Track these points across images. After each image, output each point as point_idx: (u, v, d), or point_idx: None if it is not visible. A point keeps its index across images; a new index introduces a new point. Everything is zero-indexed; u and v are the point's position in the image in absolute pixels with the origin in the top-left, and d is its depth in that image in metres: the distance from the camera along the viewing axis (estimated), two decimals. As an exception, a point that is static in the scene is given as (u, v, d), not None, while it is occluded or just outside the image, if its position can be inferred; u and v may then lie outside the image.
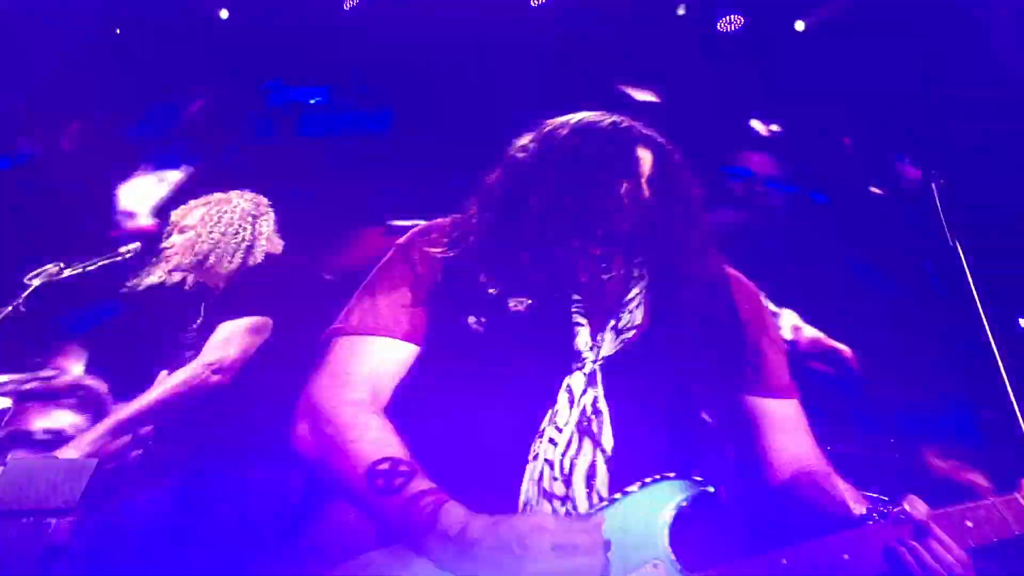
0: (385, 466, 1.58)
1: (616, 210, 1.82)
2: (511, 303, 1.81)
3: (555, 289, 1.84)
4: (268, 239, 3.54)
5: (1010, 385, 1.92)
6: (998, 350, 1.98)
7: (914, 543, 1.56)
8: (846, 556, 1.56)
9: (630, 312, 1.85)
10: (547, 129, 2.00)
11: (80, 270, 3.30)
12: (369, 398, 1.76)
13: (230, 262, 3.37)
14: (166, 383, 2.91)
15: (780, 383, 1.97)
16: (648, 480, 1.64)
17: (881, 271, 5.42)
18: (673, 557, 1.53)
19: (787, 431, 1.92)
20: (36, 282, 3.19)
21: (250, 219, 3.51)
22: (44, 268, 3.24)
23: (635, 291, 1.89)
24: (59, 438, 2.94)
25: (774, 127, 6.20)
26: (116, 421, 2.82)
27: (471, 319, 1.80)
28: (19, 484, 2.37)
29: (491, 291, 1.82)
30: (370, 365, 1.80)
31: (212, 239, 3.38)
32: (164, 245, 3.47)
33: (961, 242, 2.09)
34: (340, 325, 1.87)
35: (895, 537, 1.58)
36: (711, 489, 1.63)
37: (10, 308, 3.16)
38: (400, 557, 1.53)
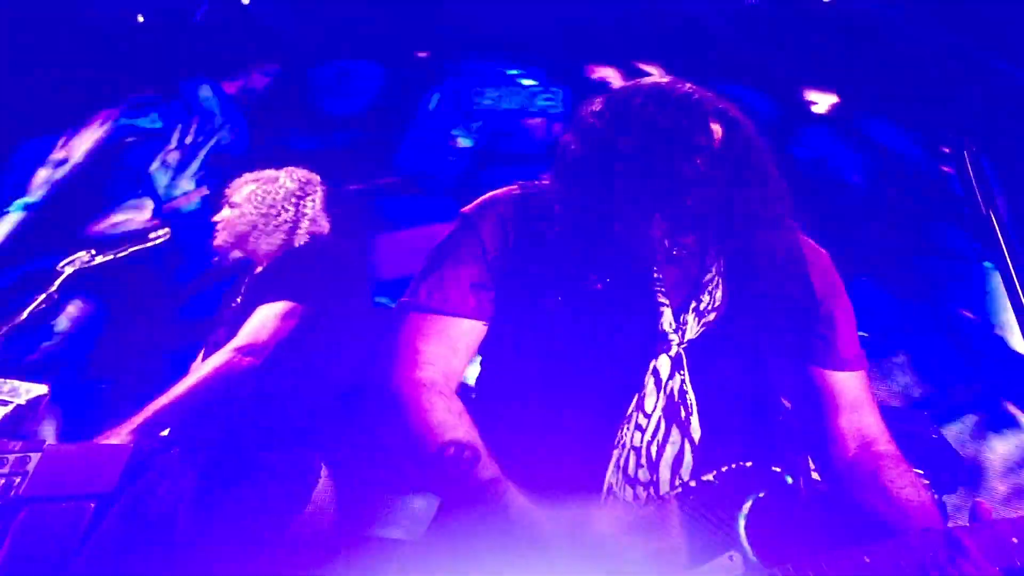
0: (450, 451, 1.54)
1: (692, 184, 1.74)
2: (592, 280, 1.74)
3: (635, 266, 1.77)
4: (313, 220, 3.52)
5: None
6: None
7: (943, 560, 1.48)
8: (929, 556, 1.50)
9: (710, 293, 1.79)
10: (621, 95, 1.90)
11: (111, 257, 3.32)
12: (441, 378, 1.71)
13: (269, 243, 3.39)
14: (199, 371, 2.93)
15: (849, 354, 1.92)
16: (724, 469, 1.60)
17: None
18: (750, 549, 1.49)
19: (853, 405, 1.87)
20: (69, 269, 3.22)
21: (294, 199, 3.50)
22: (76, 255, 3.27)
23: (713, 269, 1.83)
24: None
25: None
26: (153, 410, 2.84)
27: (548, 296, 1.74)
28: (57, 469, 2.40)
29: (569, 267, 1.75)
30: (440, 343, 1.75)
31: (251, 219, 3.40)
32: (215, 219, 3.50)
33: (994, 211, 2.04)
34: (409, 299, 1.81)
35: (928, 552, 1.50)
36: (789, 480, 1.59)
37: (44, 296, 3.20)
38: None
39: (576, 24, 6.00)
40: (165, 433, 3.01)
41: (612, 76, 6.16)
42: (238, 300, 3.34)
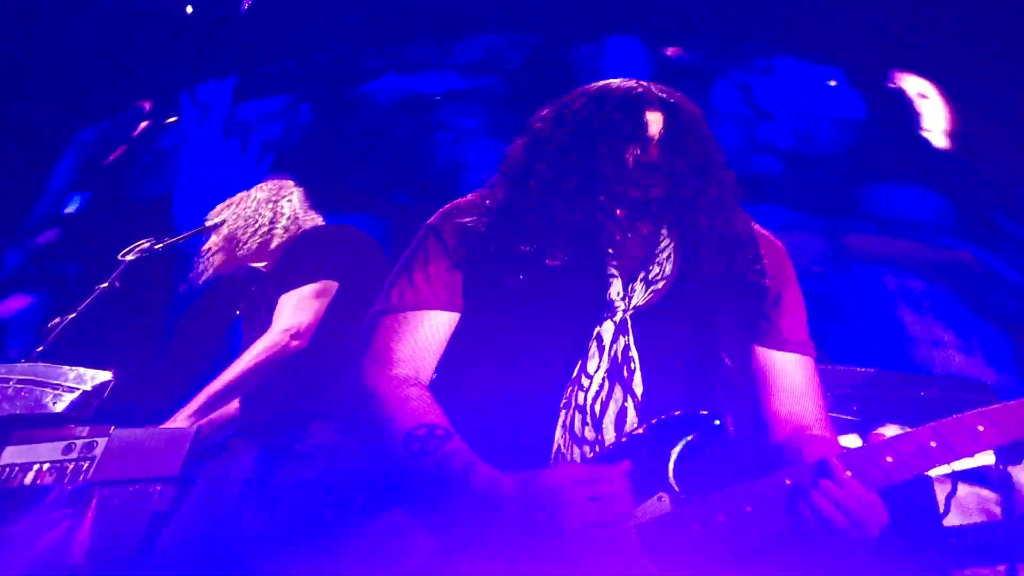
0: (421, 431, 1.64)
1: (628, 175, 1.85)
2: (547, 259, 1.84)
3: (588, 245, 1.87)
4: (293, 217, 3.56)
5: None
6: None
7: (809, 487, 1.53)
8: (748, 508, 1.56)
9: (659, 264, 1.88)
10: (565, 98, 2.04)
11: (170, 242, 3.39)
12: (413, 374, 1.82)
13: (259, 248, 3.45)
14: (248, 354, 2.97)
15: (795, 337, 1.95)
16: (654, 420, 1.67)
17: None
18: (677, 487, 1.58)
19: (792, 389, 1.90)
20: (130, 257, 3.30)
21: (269, 204, 3.56)
22: (136, 244, 3.34)
23: (664, 244, 1.91)
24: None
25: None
26: (210, 393, 2.90)
27: (507, 276, 1.84)
28: (123, 454, 2.47)
29: (525, 249, 1.85)
30: (412, 341, 1.86)
31: (233, 233, 3.48)
32: (204, 248, 3.58)
33: None
34: (380, 306, 1.93)
35: (795, 482, 1.56)
36: (717, 422, 1.65)
37: (106, 284, 3.29)
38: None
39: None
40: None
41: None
42: (255, 303, 3.39)
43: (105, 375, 2.82)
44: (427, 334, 1.88)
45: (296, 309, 3.01)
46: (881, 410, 2.93)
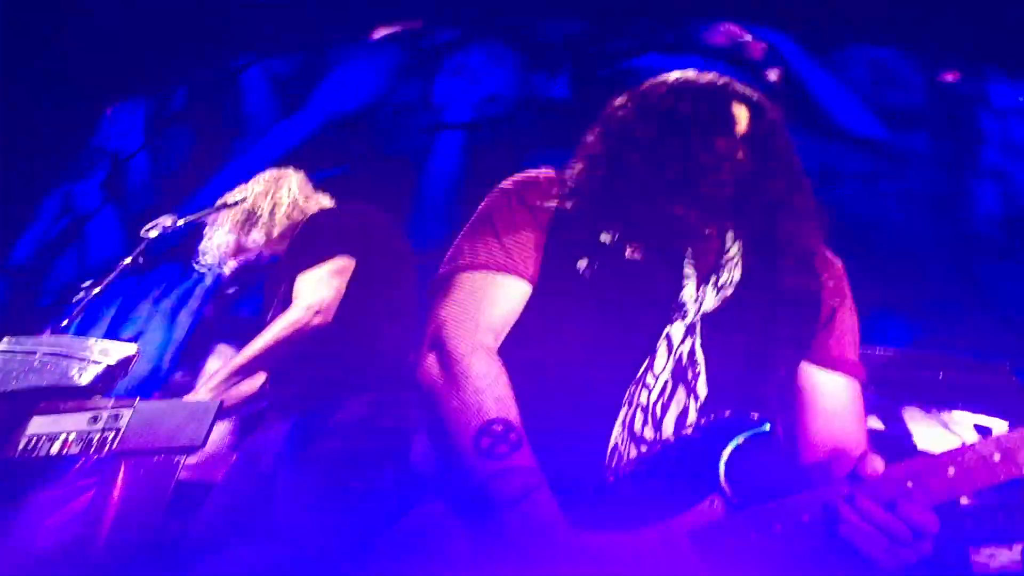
0: (499, 428, 1.57)
1: (713, 168, 1.80)
2: (627, 250, 1.80)
3: (668, 243, 1.83)
4: (293, 203, 3.59)
5: None
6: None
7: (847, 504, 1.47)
8: (806, 519, 1.51)
9: (730, 270, 1.84)
10: (644, 87, 1.99)
11: (191, 219, 3.42)
12: (494, 343, 1.76)
13: (265, 238, 3.51)
14: (269, 330, 2.99)
15: (842, 356, 1.91)
16: (703, 421, 1.67)
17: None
18: (729, 492, 1.55)
19: (833, 412, 1.86)
20: (153, 233, 3.32)
21: (267, 197, 3.59)
22: (159, 220, 3.37)
23: (734, 250, 1.87)
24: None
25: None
26: (234, 366, 2.94)
27: (583, 263, 1.79)
28: (148, 425, 2.50)
29: (606, 238, 1.81)
30: (500, 306, 1.79)
31: (239, 222, 3.53)
32: (202, 248, 3.64)
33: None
34: (466, 260, 1.85)
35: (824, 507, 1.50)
36: (767, 427, 1.63)
37: (129, 260, 3.32)
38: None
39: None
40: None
41: None
42: (270, 287, 3.46)
43: (130, 348, 2.85)
44: (511, 301, 1.82)
45: (316, 286, 3.02)
46: (900, 391, 2.95)
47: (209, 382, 2.91)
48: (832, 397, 1.87)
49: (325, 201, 3.69)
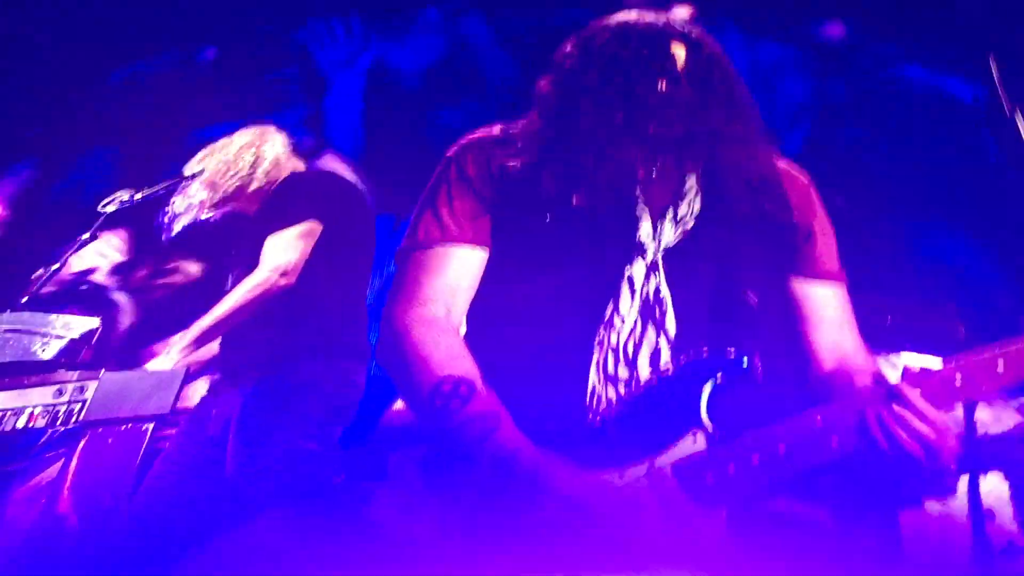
0: (447, 386, 1.62)
1: (656, 108, 1.82)
2: (574, 198, 1.82)
3: (617, 184, 1.85)
4: (276, 161, 3.55)
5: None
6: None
7: (882, 410, 1.53)
8: (782, 448, 1.57)
9: (688, 202, 1.87)
10: (587, 33, 2.00)
11: (149, 193, 3.40)
12: (443, 312, 1.79)
13: (241, 191, 3.44)
14: (236, 291, 3.00)
15: (827, 267, 1.95)
16: (683, 359, 1.70)
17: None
18: (710, 427, 1.61)
19: (831, 320, 1.91)
20: (109, 208, 3.30)
21: (251, 150, 3.54)
22: (115, 195, 3.34)
23: (691, 181, 1.90)
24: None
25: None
26: (197, 331, 2.94)
27: (534, 216, 1.82)
28: (114, 396, 2.51)
29: (553, 189, 1.83)
30: (442, 278, 1.82)
31: (214, 174, 3.46)
32: (182, 196, 3.54)
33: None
34: (407, 243, 1.89)
35: (868, 406, 1.56)
36: (745, 362, 1.68)
37: (88, 235, 3.30)
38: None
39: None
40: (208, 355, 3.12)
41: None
42: (238, 248, 3.41)
43: (92, 322, 2.85)
44: (457, 271, 1.84)
45: (284, 249, 3.02)
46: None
47: (172, 347, 2.92)
48: (829, 307, 1.92)
49: (301, 166, 3.65)
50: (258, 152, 3.49)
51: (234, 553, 2.51)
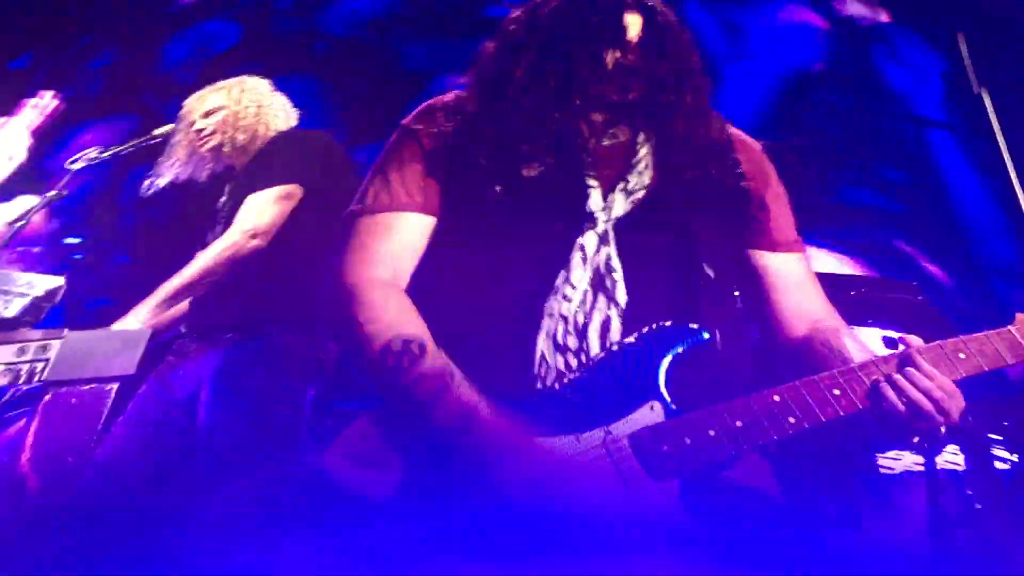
0: (397, 346, 1.63)
1: (607, 78, 1.84)
2: (523, 169, 1.83)
3: (565, 153, 1.87)
4: (286, 112, 3.58)
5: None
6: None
7: (896, 375, 1.62)
8: (836, 392, 1.63)
9: (639, 173, 1.88)
10: (538, 0, 2.00)
11: (117, 150, 3.36)
12: (390, 275, 1.81)
13: (266, 132, 3.41)
14: (207, 252, 2.99)
15: (785, 237, 1.99)
16: (645, 329, 1.72)
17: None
18: (668, 398, 1.63)
19: (796, 286, 1.95)
20: (77, 166, 3.27)
21: (270, 91, 3.59)
22: (83, 152, 3.31)
23: (643, 152, 1.91)
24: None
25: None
26: (165, 293, 2.91)
27: (485, 186, 1.83)
28: (78, 355, 2.49)
29: (502, 159, 1.84)
30: (389, 242, 1.85)
31: (252, 111, 3.42)
32: (197, 127, 3.48)
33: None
34: (356, 207, 1.91)
35: (882, 371, 1.65)
36: (706, 336, 1.71)
37: (55, 192, 3.26)
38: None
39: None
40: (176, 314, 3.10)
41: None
42: (223, 200, 3.39)
43: (57, 280, 2.81)
44: (404, 237, 1.86)
45: (258, 211, 3.02)
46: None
47: (140, 308, 2.89)
48: (791, 274, 1.96)
49: (293, 121, 3.63)
50: (273, 101, 3.46)
51: (196, 516, 2.51)
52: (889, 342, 2.97)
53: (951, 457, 2.81)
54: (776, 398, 1.62)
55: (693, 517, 1.54)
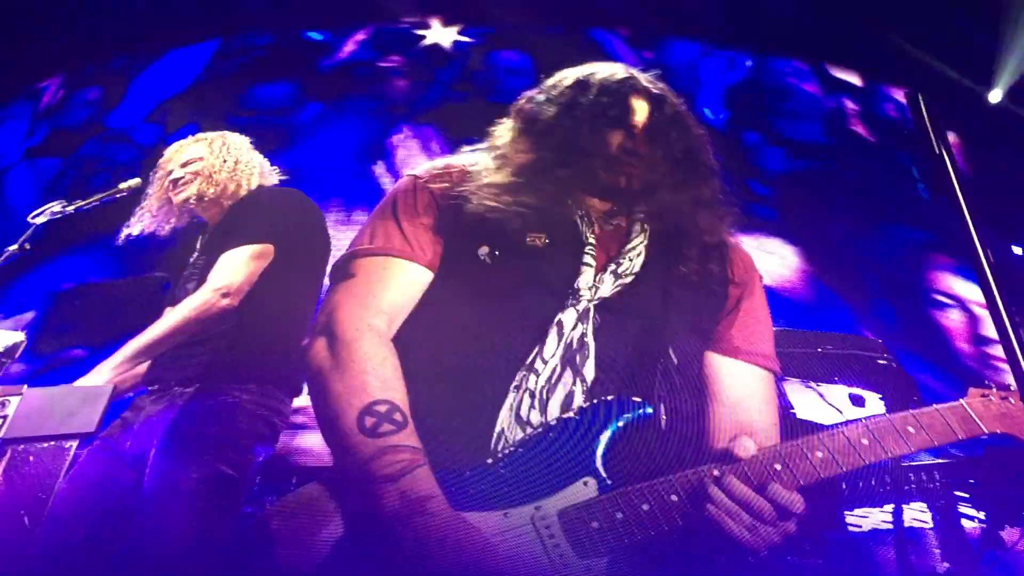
0: (382, 408, 1.61)
1: (611, 161, 1.86)
2: (529, 238, 1.84)
3: (569, 231, 1.88)
4: (262, 170, 3.58)
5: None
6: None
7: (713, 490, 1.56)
8: (674, 498, 1.58)
9: (630, 259, 1.89)
10: (552, 81, 2.04)
11: (81, 205, 3.32)
12: (386, 326, 1.79)
13: (237, 189, 3.40)
14: (177, 311, 2.94)
15: (748, 347, 1.95)
16: (586, 404, 1.70)
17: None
18: (604, 474, 1.61)
19: (740, 398, 1.88)
20: (40, 220, 3.22)
21: (249, 148, 3.58)
22: (47, 206, 3.27)
23: (637, 240, 1.92)
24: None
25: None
26: (132, 350, 2.86)
27: (484, 249, 1.83)
28: (38, 412, 2.43)
29: (509, 227, 1.84)
30: (393, 290, 1.83)
31: (228, 167, 3.40)
32: (175, 177, 3.44)
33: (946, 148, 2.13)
34: (366, 246, 1.88)
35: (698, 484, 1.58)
36: (649, 410, 1.69)
37: (15, 247, 3.21)
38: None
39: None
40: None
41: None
42: (195, 256, 3.35)
43: (17, 336, 2.76)
44: (406, 287, 1.84)
45: (232, 269, 2.98)
46: (784, 365, 3.10)
47: (104, 365, 2.84)
48: (736, 386, 1.90)
49: (274, 178, 3.64)
50: (253, 156, 3.46)
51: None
52: (856, 399, 3.00)
53: (919, 515, 2.83)
54: (674, 497, 1.58)
55: None
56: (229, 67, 7.02)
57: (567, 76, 2.01)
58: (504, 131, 2.00)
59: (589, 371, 1.75)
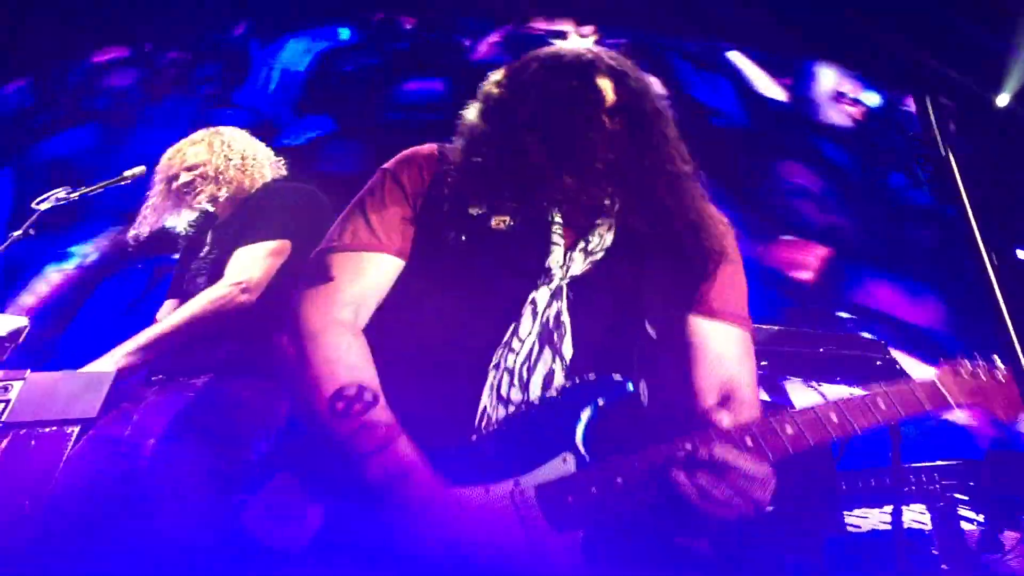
0: (351, 391, 1.65)
1: (579, 141, 1.88)
2: (494, 221, 1.87)
3: (536, 212, 1.90)
4: (271, 162, 3.58)
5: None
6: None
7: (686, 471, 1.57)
8: (620, 480, 1.60)
9: (600, 236, 1.91)
10: (518, 64, 2.06)
11: (86, 191, 3.32)
12: (353, 318, 1.83)
13: (252, 184, 3.41)
14: (194, 303, 2.94)
15: (728, 308, 1.97)
16: (567, 383, 1.74)
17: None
18: (583, 450, 1.64)
19: (720, 357, 1.92)
20: (44, 206, 3.23)
21: (249, 139, 3.59)
22: (52, 192, 3.27)
23: (606, 215, 1.94)
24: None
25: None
26: (147, 339, 2.87)
27: (452, 234, 1.86)
28: (40, 397, 2.44)
29: (474, 211, 1.88)
30: (360, 283, 1.86)
31: (236, 163, 3.40)
32: (182, 181, 3.45)
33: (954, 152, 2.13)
34: (333, 243, 1.92)
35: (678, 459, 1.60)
36: (630, 387, 1.72)
37: (20, 232, 3.21)
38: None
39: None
40: None
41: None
42: (205, 250, 3.35)
43: (20, 320, 2.77)
44: (374, 277, 1.88)
45: (250, 265, 2.99)
46: (783, 364, 3.10)
47: (117, 351, 2.84)
48: (719, 345, 1.93)
49: (276, 163, 3.64)
50: (258, 152, 3.45)
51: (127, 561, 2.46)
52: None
53: (918, 516, 2.83)
54: (619, 480, 1.61)
55: (597, 569, 1.55)
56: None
57: (533, 58, 2.03)
58: (470, 114, 2.03)
59: (567, 348, 1.78)
